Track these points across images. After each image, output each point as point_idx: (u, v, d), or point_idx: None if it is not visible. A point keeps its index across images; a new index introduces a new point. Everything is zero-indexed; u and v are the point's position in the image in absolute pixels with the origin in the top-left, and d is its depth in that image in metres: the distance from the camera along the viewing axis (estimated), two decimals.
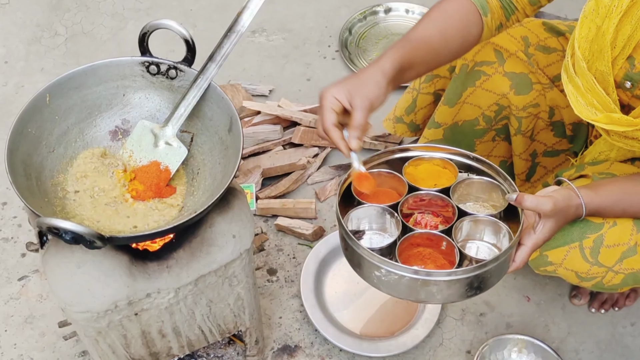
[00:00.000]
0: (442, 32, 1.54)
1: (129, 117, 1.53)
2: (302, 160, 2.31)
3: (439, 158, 1.55)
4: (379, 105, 1.40)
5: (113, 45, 2.79)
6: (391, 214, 1.45)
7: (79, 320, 1.38)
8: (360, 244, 1.34)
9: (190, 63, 1.50)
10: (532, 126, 1.83)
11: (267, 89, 2.60)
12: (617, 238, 1.51)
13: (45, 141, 1.44)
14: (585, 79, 1.47)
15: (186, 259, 1.40)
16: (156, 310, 1.45)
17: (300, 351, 1.93)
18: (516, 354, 1.89)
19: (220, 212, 1.42)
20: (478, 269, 1.31)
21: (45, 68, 2.69)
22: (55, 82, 1.45)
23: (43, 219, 1.17)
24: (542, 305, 2.03)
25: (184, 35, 1.46)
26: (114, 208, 1.41)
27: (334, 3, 2.97)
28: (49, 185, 1.42)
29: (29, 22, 2.79)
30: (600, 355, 1.94)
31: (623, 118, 1.43)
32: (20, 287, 2.05)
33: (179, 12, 2.93)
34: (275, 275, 2.09)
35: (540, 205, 1.37)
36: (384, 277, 1.33)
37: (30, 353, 1.91)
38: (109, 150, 1.51)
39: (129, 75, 1.51)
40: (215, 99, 1.47)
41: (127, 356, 1.55)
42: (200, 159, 1.51)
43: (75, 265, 1.32)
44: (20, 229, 2.18)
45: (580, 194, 1.44)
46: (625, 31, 1.43)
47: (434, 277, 1.30)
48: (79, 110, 1.50)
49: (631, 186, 1.49)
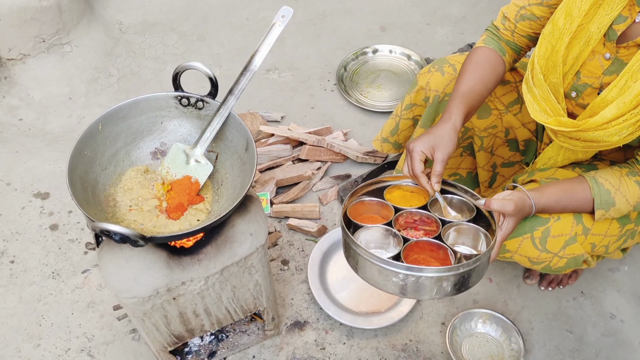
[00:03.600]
0: (482, 80, 1.61)
1: (165, 141, 1.53)
2: (308, 172, 2.30)
3: (406, 185, 1.56)
4: (452, 155, 1.49)
5: (156, 83, 2.79)
6: (393, 234, 1.44)
7: (128, 304, 1.37)
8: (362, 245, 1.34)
9: (214, 96, 1.49)
10: (492, 143, 1.82)
11: (279, 115, 2.58)
12: (561, 229, 1.51)
13: (99, 161, 1.44)
14: (541, 89, 1.47)
15: (213, 253, 1.39)
16: (190, 295, 1.44)
17: (309, 326, 1.91)
18: (481, 324, 1.87)
19: (240, 215, 1.42)
20: (472, 263, 1.30)
21: (102, 103, 2.69)
22: (106, 113, 1.44)
23: (97, 224, 1.17)
24: (501, 285, 2.01)
25: (208, 74, 1.45)
26: (155, 214, 1.41)
27: (332, 46, 2.96)
28: (102, 197, 1.41)
29: (88, 65, 2.79)
30: (548, 324, 1.91)
31: (569, 121, 1.43)
32: (84, 279, 2.04)
33: (207, 55, 2.93)
34: (288, 265, 2.07)
35: (505, 207, 1.39)
36: (402, 281, 1.31)
37: (92, 331, 1.90)
38: (150, 167, 1.51)
39: (165, 107, 1.51)
40: (235, 124, 1.46)
41: (168, 332, 1.54)
42: (223, 173, 1.50)
43: (124, 260, 1.32)
44: (83, 232, 2.17)
45: (530, 196, 1.45)
46: (574, 50, 1.43)
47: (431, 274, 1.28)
48: (126, 136, 1.49)
49: (569, 187, 1.49)
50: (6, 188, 2.32)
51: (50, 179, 2.35)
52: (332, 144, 2.36)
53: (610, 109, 1.34)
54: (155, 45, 2.96)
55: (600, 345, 1.87)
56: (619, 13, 1.36)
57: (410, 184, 1.55)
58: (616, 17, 1.37)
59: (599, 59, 1.43)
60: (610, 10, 1.36)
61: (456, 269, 1.28)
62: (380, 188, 1.55)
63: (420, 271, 1.27)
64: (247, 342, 1.83)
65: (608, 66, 1.42)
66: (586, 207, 1.49)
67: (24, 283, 2.03)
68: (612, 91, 1.36)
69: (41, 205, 2.26)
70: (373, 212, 1.53)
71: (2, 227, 2.19)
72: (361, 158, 2.36)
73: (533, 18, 1.58)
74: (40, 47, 2.69)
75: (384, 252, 1.45)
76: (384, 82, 2.75)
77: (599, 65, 1.43)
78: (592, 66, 1.44)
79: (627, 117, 1.33)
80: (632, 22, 1.37)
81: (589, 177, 1.48)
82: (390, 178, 1.56)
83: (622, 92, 1.34)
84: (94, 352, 1.85)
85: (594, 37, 1.40)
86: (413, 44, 2.95)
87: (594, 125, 1.37)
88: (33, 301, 1.98)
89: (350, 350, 1.85)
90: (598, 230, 1.53)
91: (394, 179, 1.56)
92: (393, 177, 1.57)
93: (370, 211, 1.53)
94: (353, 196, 1.51)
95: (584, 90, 1.48)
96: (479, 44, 1.68)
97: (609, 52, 1.41)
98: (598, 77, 1.44)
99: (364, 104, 2.64)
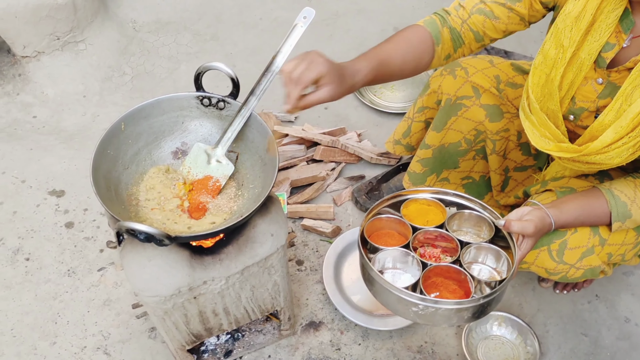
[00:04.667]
0: (402, 57, 1.51)
1: (187, 140, 1.54)
2: (322, 173, 2.31)
3: (423, 198, 1.56)
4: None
5: (169, 82, 2.80)
6: (412, 256, 1.44)
7: (149, 303, 1.38)
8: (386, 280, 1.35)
9: (235, 97, 1.50)
10: (504, 147, 1.84)
11: (293, 116, 2.60)
12: (578, 242, 1.52)
13: (121, 160, 1.45)
14: (538, 117, 1.50)
15: (234, 253, 1.40)
16: (211, 294, 1.45)
17: (324, 326, 1.92)
18: (497, 326, 1.88)
19: (261, 216, 1.42)
20: (492, 294, 1.31)
21: (116, 101, 2.70)
22: (128, 113, 1.45)
23: (123, 223, 1.18)
24: (516, 288, 2.02)
25: (231, 74, 1.47)
26: (177, 213, 1.42)
27: (346, 46, 2.97)
28: (124, 196, 1.42)
29: (102, 64, 2.80)
30: (563, 327, 1.92)
31: (570, 146, 1.45)
32: (99, 277, 2.05)
33: (221, 55, 2.93)
34: (303, 265, 2.08)
35: (525, 229, 1.40)
36: (421, 311, 1.32)
37: (108, 329, 1.92)
38: (171, 167, 1.51)
39: (186, 107, 1.51)
40: (256, 125, 1.47)
41: (187, 331, 1.55)
42: (244, 173, 1.51)
43: (147, 259, 1.33)
44: (99, 230, 2.18)
45: (550, 214, 1.46)
46: (569, 77, 1.46)
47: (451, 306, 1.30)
48: (147, 135, 1.50)
49: (587, 203, 1.50)
50: (21, 185, 2.34)
51: (65, 177, 2.36)
52: (347, 144, 2.37)
53: (608, 133, 1.37)
54: (168, 44, 2.97)
55: (615, 348, 1.88)
56: (606, 40, 1.39)
57: (427, 198, 1.56)
58: (604, 44, 1.39)
59: (592, 84, 1.46)
60: (598, 37, 1.39)
61: (476, 300, 1.30)
62: (396, 202, 1.56)
63: (441, 303, 1.29)
64: (263, 342, 1.84)
65: (602, 90, 1.45)
66: (603, 220, 1.51)
67: (40, 280, 2.04)
68: (609, 115, 1.39)
69: (56, 203, 2.27)
70: (390, 228, 1.55)
71: (17, 225, 2.21)
72: (375, 159, 2.37)
73: (490, 16, 1.54)
74: (54, 45, 2.70)
75: (402, 273, 1.47)
76: (398, 83, 2.75)
77: (593, 90, 1.46)
78: (586, 91, 1.47)
79: (626, 141, 1.36)
80: (620, 49, 1.40)
81: (604, 190, 1.49)
82: (405, 192, 1.58)
83: (618, 115, 1.37)
84: (110, 350, 1.86)
85: (585, 63, 1.43)
86: None
87: (595, 150, 1.40)
88: (49, 299, 1.99)
89: (366, 351, 1.86)
90: (615, 241, 1.54)
91: (410, 193, 1.58)
92: (408, 191, 1.58)
93: (387, 227, 1.55)
94: (370, 214, 1.53)
95: (581, 114, 1.51)
96: (419, 22, 1.58)
97: (600, 77, 1.44)
98: (593, 101, 1.47)
99: (377, 104, 2.64)
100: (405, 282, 1.41)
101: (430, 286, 1.40)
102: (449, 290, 1.39)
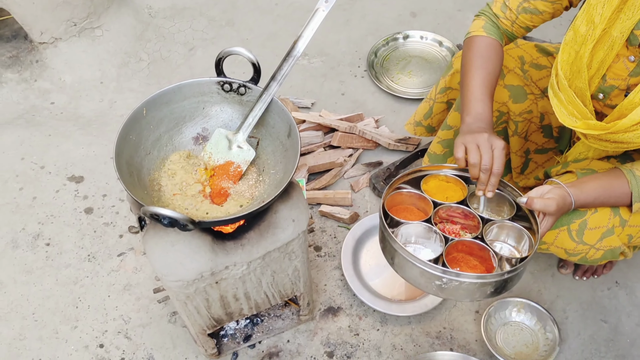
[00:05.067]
0: (495, 74, 1.60)
1: (208, 126, 1.54)
2: (339, 159, 2.31)
3: (443, 174, 1.55)
4: None
5: (186, 68, 2.80)
6: (434, 231, 1.43)
7: (172, 287, 1.39)
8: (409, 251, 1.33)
9: (256, 82, 1.50)
10: (526, 129, 1.82)
11: (310, 102, 2.59)
12: (598, 222, 1.51)
13: (143, 146, 1.46)
14: (566, 94, 1.48)
15: (256, 238, 1.41)
16: (232, 279, 1.46)
17: (342, 312, 1.93)
18: (516, 313, 1.88)
19: (282, 202, 1.43)
20: (516, 270, 1.31)
21: (133, 87, 2.71)
22: (150, 98, 1.46)
23: (147, 208, 1.18)
24: (536, 274, 2.01)
25: (252, 59, 1.46)
26: (199, 199, 1.43)
27: (362, 32, 2.96)
28: (147, 181, 1.43)
29: (119, 50, 2.81)
30: (582, 314, 1.92)
31: (598, 124, 1.43)
32: (119, 262, 2.07)
33: (237, 40, 2.93)
34: (321, 252, 2.09)
35: (547, 207, 1.39)
36: (444, 284, 1.31)
37: (129, 314, 1.94)
38: (192, 152, 1.52)
39: (207, 92, 1.52)
40: (277, 110, 1.47)
41: (208, 316, 1.56)
42: (265, 159, 1.51)
43: (170, 244, 1.34)
44: (118, 216, 2.20)
45: (570, 193, 1.45)
46: (599, 55, 1.44)
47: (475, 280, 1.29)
48: (169, 121, 1.51)
49: (608, 183, 1.49)
50: (40, 171, 2.36)
51: (84, 163, 2.38)
52: (364, 130, 2.36)
53: (638, 111, 1.35)
54: (184, 30, 2.97)
55: (635, 335, 1.87)
56: (639, 18, 1.36)
57: (447, 174, 1.55)
58: (637, 21, 1.37)
59: (623, 62, 1.43)
60: (631, 15, 1.37)
61: (500, 275, 1.29)
62: (416, 178, 1.55)
63: (465, 277, 1.28)
64: (282, 327, 1.85)
65: (633, 68, 1.43)
66: (624, 201, 1.49)
67: (60, 265, 2.06)
68: (639, 93, 1.36)
69: (75, 188, 2.29)
70: (409, 203, 1.53)
71: (37, 210, 2.23)
72: (393, 145, 2.36)
73: (535, 12, 1.58)
74: (71, 31, 2.71)
75: (422, 248, 1.46)
76: (415, 68, 2.74)
77: (624, 68, 1.44)
78: (617, 69, 1.45)
79: None
80: None
81: (626, 170, 1.48)
82: (426, 168, 1.56)
83: None
84: (130, 334, 1.88)
85: (617, 41, 1.40)
86: (444, 30, 2.94)
87: (623, 127, 1.38)
88: (69, 283, 2.02)
89: (384, 337, 1.86)
90: (635, 222, 1.53)
91: (430, 169, 1.56)
92: (429, 166, 1.56)
93: (406, 202, 1.53)
94: (390, 188, 1.51)
95: (611, 92, 1.48)
96: (479, 32, 1.64)
97: (633, 55, 1.41)
98: (624, 79, 1.45)
99: (395, 90, 2.63)
100: (427, 256, 1.40)
101: (451, 261, 1.39)
102: (469, 267, 1.39)
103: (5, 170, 2.36)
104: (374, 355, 1.83)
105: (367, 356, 1.83)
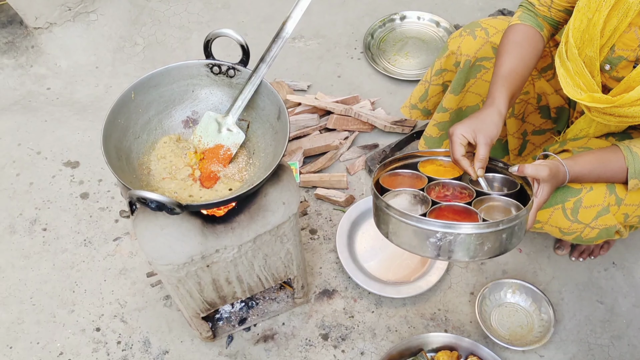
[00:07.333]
0: (523, 60, 1.56)
1: (197, 109, 1.53)
2: (335, 142, 2.30)
3: (440, 159, 1.54)
4: (496, 140, 1.43)
5: (181, 52, 2.79)
6: (421, 200, 1.40)
7: (163, 271, 1.40)
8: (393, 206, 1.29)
9: (245, 64, 1.49)
10: (523, 110, 1.80)
11: (306, 84, 2.58)
12: (593, 200, 1.49)
13: (132, 129, 1.45)
14: (575, 63, 1.44)
15: (246, 221, 1.40)
16: (223, 262, 1.46)
17: (337, 294, 1.93)
18: (511, 294, 1.88)
19: (272, 184, 1.42)
20: (512, 220, 1.25)
21: (128, 72, 2.70)
22: (138, 81, 1.45)
23: (134, 192, 1.18)
24: (531, 255, 2.01)
25: (240, 41, 1.45)
26: (188, 182, 1.42)
27: (359, 13, 2.93)
28: (136, 165, 1.43)
29: (114, 34, 2.79)
30: (579, 295, 1.91)
31: (603, 97, 1.40)
32: (115, 246, 2.07)
33: (233, 23, 2.91)
34: (316, 234, 2.09)
35: (539, 172, 1.36)
36: (439, 241, 1.26)
37: (125, 298, 1.94)
38: (182, 136, 1.52)
39: (196, 75, 1.51)
40: (267, 92, 1.46)
41: (201, 299, 1.57)
42: (255, 142, 1.51)
43: (159, 228, 1.34)
44: (113, 200, 2.20)
45: (564, 163, 1.43)
46: (612, 23, 1.39)
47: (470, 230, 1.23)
48: (158, 104, 1.50)
49: (603, 156, 1.47)
50: (36, 157, 2.36)
51: (79, 148, 2.38)
52: (360, 113, 2.35)
53: None
54: (179, 14, 2.95)
55: (632, 316, 1.87)
56: None
57: (444, 159, 1.53)
58: None
59: (635, 31, 1.39)
60: None
61: (496, 225, 1.23)
62: (414, 162, 1.54)
63: (459, 228, 1.23)
64: (277, 310, 1.86)
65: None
66: (620, 177, 1.47)
67: (57, 250, 2.07)
68: None
69: (71, 174, 2.29)
70: (406, 184, 1.51)
71: (34, 195, 2.23)
72: (389, 127, 2.35)
73: None
74: (66, 16, 2.69)
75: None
76: (412, 49, 2.71)
77: (635, 38, 1.40)
78: (627, 39, 1.41)
79: None
80: None
81: (623, 146, 1.46)
82: (424, 153, 1.55)
83: None
84: (126, 317, 1.89)
85: (633, 8, 1.35)
86: (442, 10, 2.91)
87: (629, 101, 1.35)
88: (66, 268, 2.02)
89: (379, 319, 1.87)
90: (631, 201, 1.51)
91: (428, 154, 1.55)
92: (427, 152, 1.55)
93: (403, 184, 1.51)
94: (385, 165, 1.50)
95: (619, 63, 1.45)
96: (514, 21, 1.63)
97: None
98: (634, 50, 1.41)
99: (391, 72, 2.61)
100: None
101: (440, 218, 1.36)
102: None
103: (2, 156, 2.37)
104: (368, 337, 1.83)
105: (362, 338, 1.83)
